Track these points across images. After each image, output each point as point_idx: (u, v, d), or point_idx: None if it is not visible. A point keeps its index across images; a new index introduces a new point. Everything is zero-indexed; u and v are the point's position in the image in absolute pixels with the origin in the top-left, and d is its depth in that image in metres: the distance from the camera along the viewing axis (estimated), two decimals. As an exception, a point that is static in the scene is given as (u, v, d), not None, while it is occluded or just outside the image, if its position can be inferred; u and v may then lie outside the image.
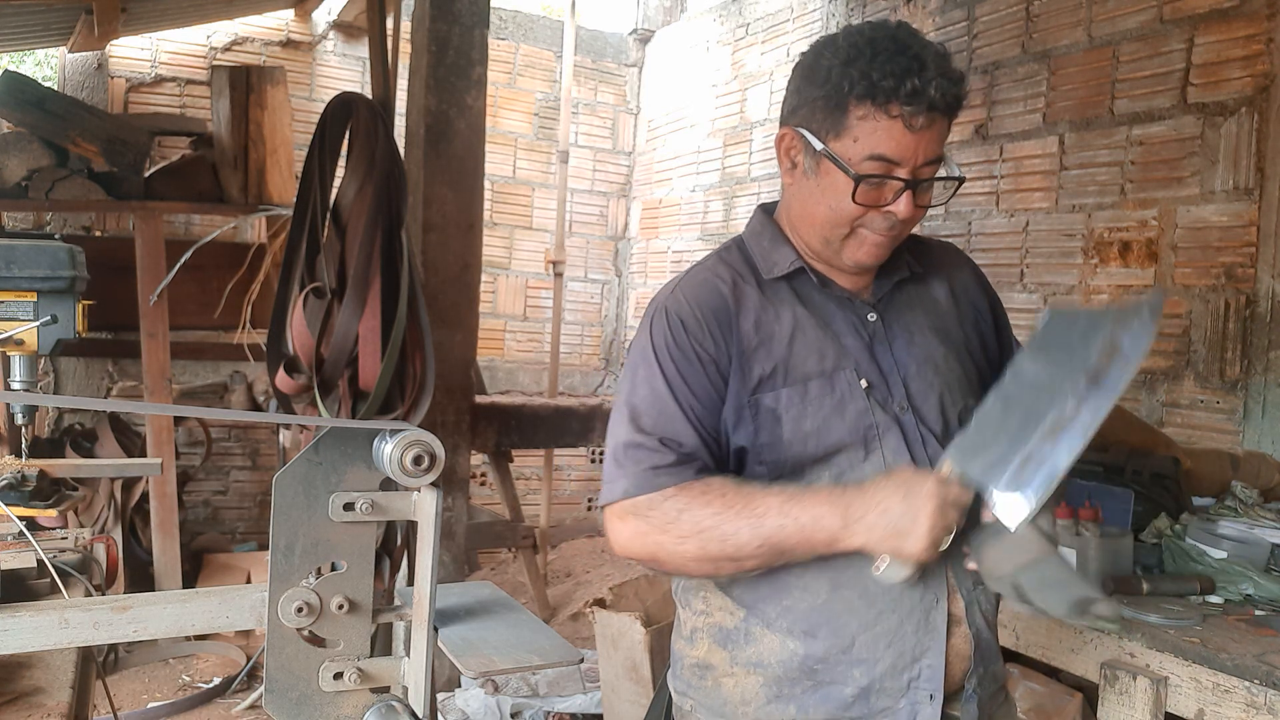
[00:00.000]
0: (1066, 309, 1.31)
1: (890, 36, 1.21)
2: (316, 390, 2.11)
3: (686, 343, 1.29)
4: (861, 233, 1.27)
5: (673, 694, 1.43)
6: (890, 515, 1.15)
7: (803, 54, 1.31)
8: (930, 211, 4.07)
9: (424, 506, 1.12)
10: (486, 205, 5.09)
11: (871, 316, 1.34)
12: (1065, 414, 1.18)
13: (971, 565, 1.23)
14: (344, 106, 2.26)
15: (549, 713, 3.41)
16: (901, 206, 1.23)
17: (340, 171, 2.29)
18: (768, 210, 1.42)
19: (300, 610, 1.07)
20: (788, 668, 1.27)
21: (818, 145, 1.24)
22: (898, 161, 1.21)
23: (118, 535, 3.96)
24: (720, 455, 1.29)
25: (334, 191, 2.28)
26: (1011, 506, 1.17)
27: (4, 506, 1.68)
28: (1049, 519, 1.27)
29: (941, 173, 1.28)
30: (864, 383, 1.29)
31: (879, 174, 1.21)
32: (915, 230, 1.35)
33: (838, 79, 1.20)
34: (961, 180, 1.34)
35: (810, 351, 1.29)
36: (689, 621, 1.39)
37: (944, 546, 1.16)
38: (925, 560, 1.16)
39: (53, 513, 1.92)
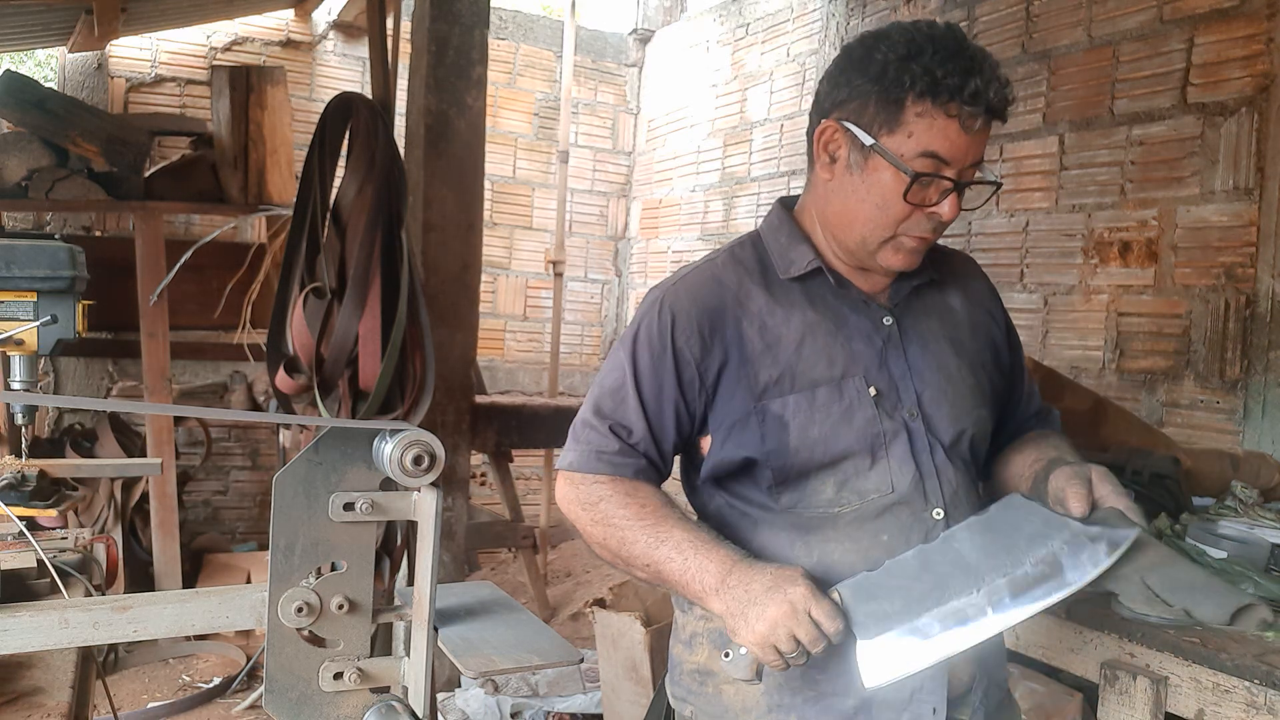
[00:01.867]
0: (1029, 500, 1.25)
1: (951, 36, 1.20)
2: (316, 390, 2.11)
3: (670, 339, 1.28)
4: (901, 235, 1.25)
5: (671, 700, 1.41)
6: (747, 596, 1.13)
7: (849, 46, 1.27)
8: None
9: (424, 506, 1.12)
10: (486, 205, 5.08)
11: (887, 320, 1.32)
12: (970, 608, 1.14)
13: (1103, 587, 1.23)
14: (344, 106, 2.26)
15: (549, 713, 3.41)
16: (946, 208, 1.22)
17: (340, 171, 2.30)
18: (787, 205, 1.39)
19: (300, 610, 1.07)
20: (789, 677, 1.25)
21: (867, 140, 1.21)
22: (949, 161, 1.19)
23: (118, 535, 3.96)
24: (665, 454, 1.32)
25: (334, 191, 2.29)
26: (869, 663, 1.14)
27: (4, 506, 1.68)
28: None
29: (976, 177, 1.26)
30: (872, 390, 1.27)
31: (931, 173, 1.19)
32: None
33: (896, 73, 1.18)
34: (999, 185, 1.31)
35: (819, 357, 1.27)
36: (688, 626, 1.37)
37: (791, 657, 1.11)
38: (762, 659, 1.12)
39: (53, 513, 1.92)
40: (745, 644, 1.12)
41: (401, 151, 2.36)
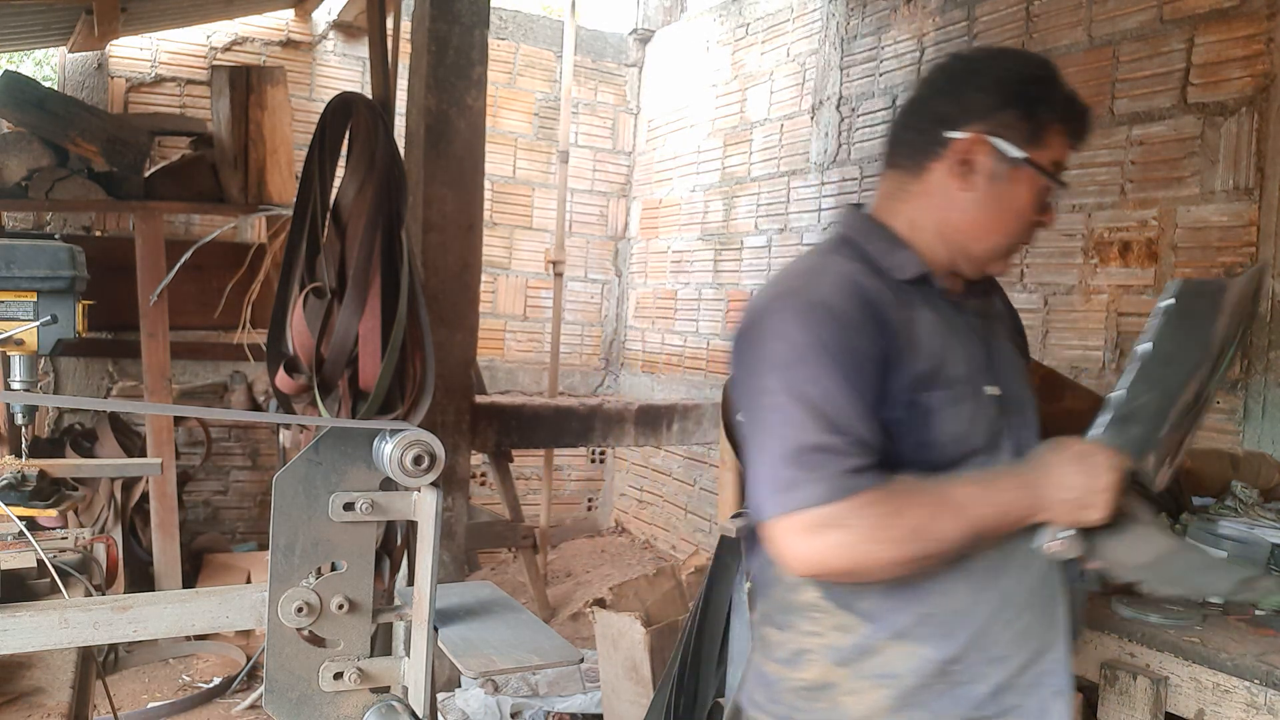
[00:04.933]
0: (1193, 282, 1.38)
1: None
2: (316, 390, 2.11)
3: (851, 339, 1.22)
4: (1017, 243, 1.34)
5: (759, 717, 1.37)
6: (1072, 488, 1.19)
7: (970, 62, 1.37)
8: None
9: (424, 506, 1.12)
10: (486, 205, 5.08)
11: (977, 324, 1.37)
12: (1191, 392, 1.25)
13: (1094, 564, 1.26)
14: (344, 106, 2.25)
15: (549, 713, 3.41)
16: (1049, 218, 1.33)
17: (340, 171, 2.29)
18: (865, 212, 1.40)
19: (300, 610, 1.07)
20: (921, 675, 1.25)
21: (1017, 154, 1.27)
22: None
23: (118, 535, 3.96)
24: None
25: (334, 191, 2.28)
26: (1158, 476, 1.25)
27: (4, 506, 1.68)
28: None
29: None
30: (995, 390, 1.31)
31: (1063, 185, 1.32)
32: None
33: (1039, 95, 1.28)
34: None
35: (954, 355, 1.29)
36: (791, 643, 1.33)
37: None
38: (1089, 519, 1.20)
39: (53, 513, 1.92)
40: (1094, 523, 1.20)
41: (401, 151, 2.35)
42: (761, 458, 1.21)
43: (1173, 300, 1.30)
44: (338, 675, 1.10)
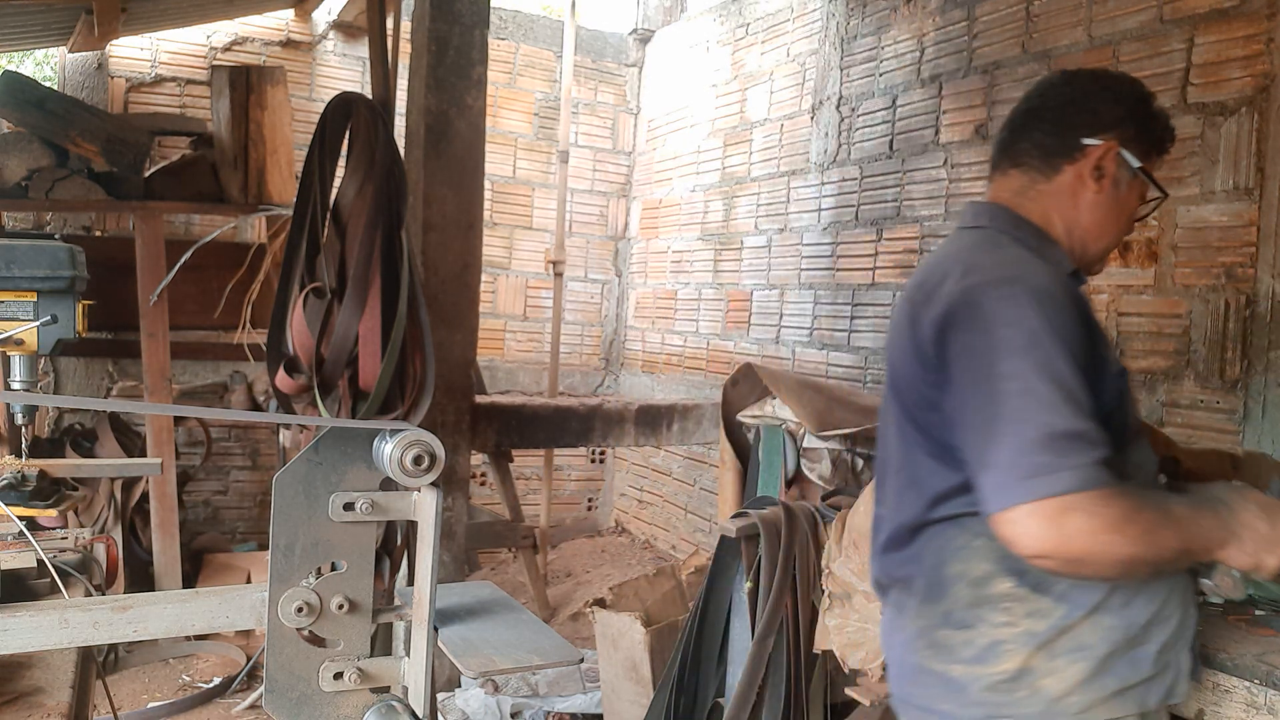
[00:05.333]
0: None
1: None
2: (316, 390, 2.11)
3: (1073, 327, 1.26)
4: None
5: None
6: (1259, 534, 1.28)
7: (1096, 74, 1.54)
8: (930, 211, 4.05)
9: (424, 506, 1.12)
10: (486, 205, 5.08)
11: None
12: None
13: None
14: (344, 106, 2.26)
15: (549, 713, 3.41)
16: (1139, 226, 1.54)
17: (340, 171, 2.29)
18: (1008, 209, 1.47)
19: (300, 610, 1.07)
20: (1112, 643, 1.33)
21: (1136, 163, 1.43)
22: None
23: (118, 535, 3.96)
24: None
25: (334, 191, 2.28)
26: None
27: (4, 506, 1.68)
28: None
29: None
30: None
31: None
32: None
33: (1153, 112, 1.46)
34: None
35: (1110, 347, 1.41)
36: (981, 639, 1.35)
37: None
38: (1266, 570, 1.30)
39: (53, 513, 1.92)
40: (1271, 570, 1.29)
41: (401, 151, 2.35)
42: (1003, 441, 1.20)
43: None
44: (338, 675, 1.10)
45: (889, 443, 1.51)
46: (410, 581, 1.18)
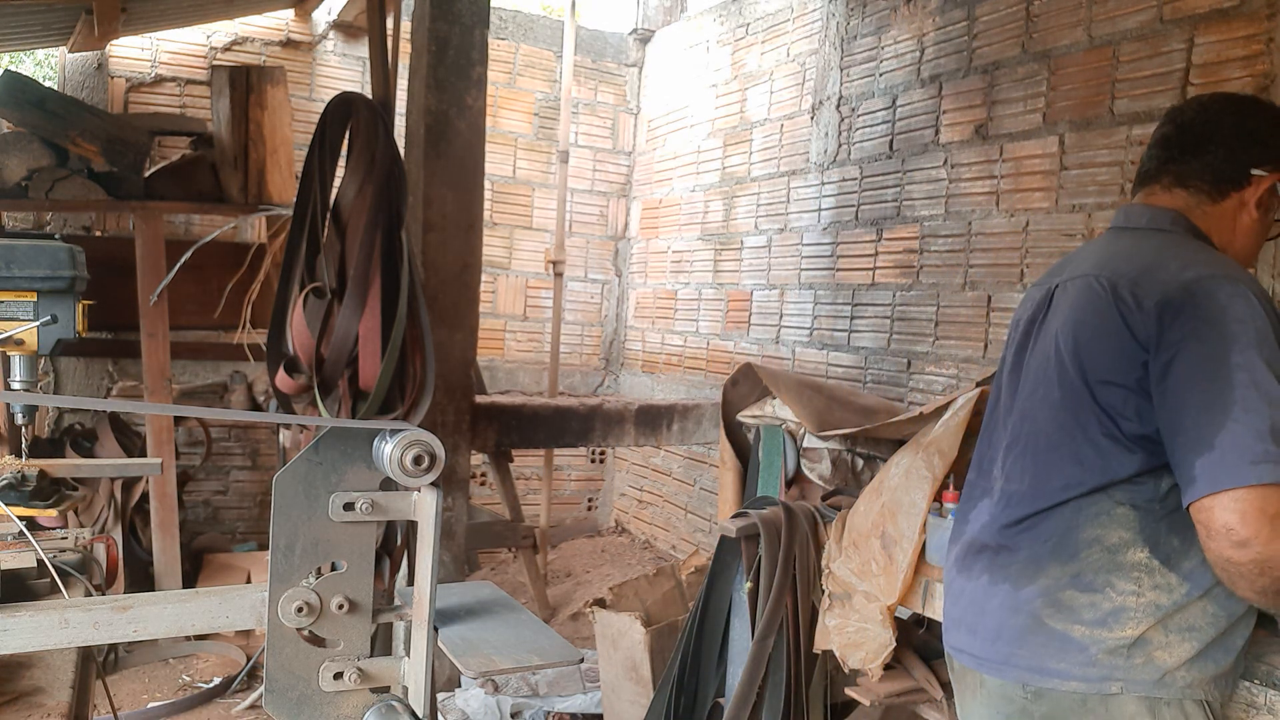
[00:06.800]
0: None
1: None
2: (316, 390, 2.11)
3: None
4: None
5: (1074, 685, 1.43)
6: None
7: (1262, 105, 1.61)
8: (930, 211, 4.04)
9: (424, 506, 1.12)
10: (486, 205, 5.08)
11: None
12: None
13: None
14: (344, 106, 2.25)
15: (549, 713, 3.41)
16: None
17: (340, 171, 2.29)
18: (1189, 219, 1.56)
19: (300, 610, 1.07)
20: (1216, 625, 1.40)
21: None
22: None
23: (118, 535, 3.96)
24: None
25: (334, 191, 2.28)
26: None
27: (4, 506, 1.68)
28: None
29: None
30: None
31: None
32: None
33: None
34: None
35: None
36: (1106, 603, 1.42)
37: None
38: None
39: (53, 513, 1.93)
40: None
41: (401, 151, 2.35)
42: (1231, 426, 1.27)
43: None
44: (338, 675, 1.10)
45: (1036, 418, 1.56)
46: (410, 581, 1.18)
